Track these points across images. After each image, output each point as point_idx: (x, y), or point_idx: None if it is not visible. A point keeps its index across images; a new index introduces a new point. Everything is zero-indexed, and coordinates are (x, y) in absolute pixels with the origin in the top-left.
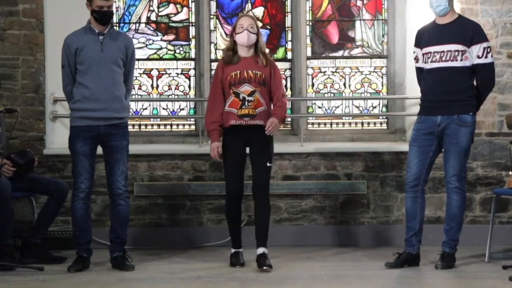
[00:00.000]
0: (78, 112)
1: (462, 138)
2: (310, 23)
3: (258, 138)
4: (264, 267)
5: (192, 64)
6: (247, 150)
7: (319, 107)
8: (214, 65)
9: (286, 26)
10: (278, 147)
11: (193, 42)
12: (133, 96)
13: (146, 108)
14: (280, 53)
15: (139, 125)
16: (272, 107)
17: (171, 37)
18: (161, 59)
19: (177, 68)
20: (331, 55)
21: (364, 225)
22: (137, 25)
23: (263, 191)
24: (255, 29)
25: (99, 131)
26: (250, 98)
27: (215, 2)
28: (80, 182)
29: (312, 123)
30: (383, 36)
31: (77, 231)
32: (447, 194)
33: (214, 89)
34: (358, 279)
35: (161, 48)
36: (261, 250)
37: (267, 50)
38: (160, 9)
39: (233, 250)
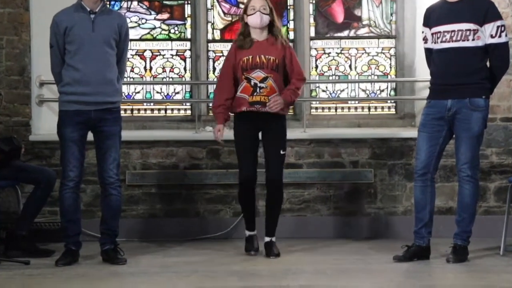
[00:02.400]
0: (67, 96)
1: (474, 123)
2: (314, 1)
3: (271, 126)
4: (271, 256)
5: (187, 44)
6: (260, 135)
7: (323, 91)
8: (211, 45)
9: (288, 4)
10: None
11: (188, 21)
12: (125, 79)
13: (138, 92)
14: None
15: (132, 110)
16: None
17: (165, 16)
18: (154, 39)
19: (171, 49)
20: (336, 35)
21: (370, 216)
22: (129, 3)
23: (278, 187)
24: (268, 9)
25: (90, 116)
26: (262, 85)
27: None
28: (69, 170)
29: (316, 108)
30: (391, 14)
31: (66, 222)
32: (459, 183)
33: (224, 73)
34: (364, 273)
35: (154, 28)
36: (268, 238)
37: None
38: None
39: (247, 234)
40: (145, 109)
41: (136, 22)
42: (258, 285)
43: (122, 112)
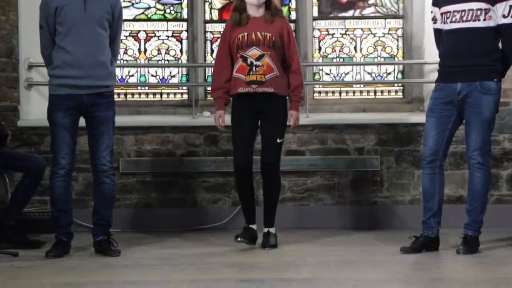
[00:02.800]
0: (57, 79)
1: (485, 107)
2: None
3: (270, 108)
4: (266, 247)
5: (184, 25)
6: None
7: (327, 74)
8: (209, 26)
9: None
10: None
11: (185, 0)
12: (118, 62)
13: (132, 75)
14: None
15: (125, 94)
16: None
17: None
18: (149, 19)
19: (167, 30)
20: (340, 15)
21: (376, 205)
22: None
23: (272, 170)
24: None
25: (82, 100)
26: (258, 63)
27: None
28: (60, 158)
29: (319, 92)
30: None
31: (57, 212)
32: (469, 171)
33: (221, 52)
34: (370, 265)
35: (149, 8)
36: (266, 229)
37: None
38: None
39: (246, 224)
40: (140, 93)
41: (129, 1)
42: (258, 277)
43: (115, 96)
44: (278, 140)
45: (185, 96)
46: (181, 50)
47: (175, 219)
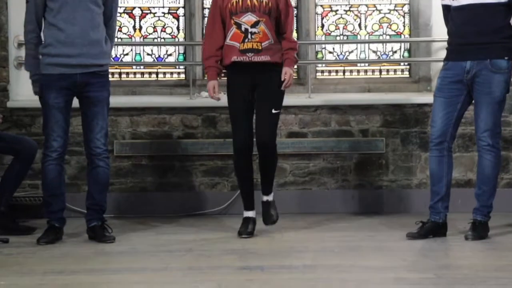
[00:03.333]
0: (50, 58)
1: (495, 87)
2: None
3: (267, 77)
4: (268, 224)
5: (181, 1)
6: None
7: (330, 52)
8: (207, 3)
9: None
10: None
11: None
12: None
13: (127, 54)
14: None
15: (120, 74)
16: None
17: None
18: None
19: (163, 7)
20: None
21: (382, 189)
22: None
23: (268, 143)
24: None
25: (75, 80)
26: (254, 30)
27: None
28: (52, 140)
29: (322, 71)
30: None
31: (49, 197)
32: (479, 153)
33: (212, 18)
34: (375, 252)
35: None
36: (264, 198)
37: None
38: None
39: (244, 214)
40: (135, 73)
41: None
42: (258, 265)
43: (109, 76)
44: (274, 111)
45: (182, 76)
46: (177, 28)
47: (172, 204)
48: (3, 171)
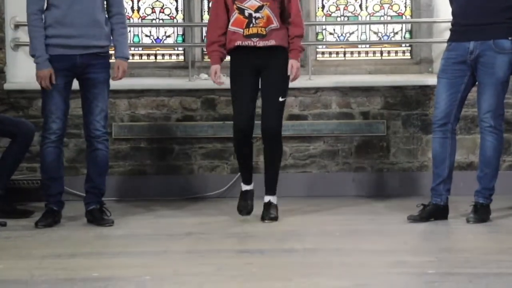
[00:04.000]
0: (49, 39)
1: (499, 67)
2: None
3: (272, 63)
4: (266, 220)
5: None
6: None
7: (330, 34)
8: None
9: None
10: None
11: None
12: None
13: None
14: None
15: None
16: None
17: None
18: None
19: None
20: None
21: (383, 172)
22: None
23: (274, 135)
24: None
25: (75, 61)
26: (258, 15)
27: None
28: (51, 122)
29: (323, 53)
30: None
31: (47, 180)
32: (481, 135)
33: (215, 3)
34: (376, 235)
35: None
36: (267, 198)
37: None
38: None
39: (243, 188)
40: (133, 55)
41: None
42: (258, 248)
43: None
44: (280, 99)
45: (181, 58)
46: (176, 9)
47: (171, 187)
48: (0, 154)
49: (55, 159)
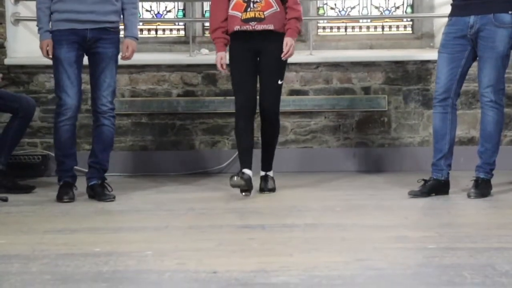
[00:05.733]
0: (59, 14)
1: (499, 41)
2: None
3: (270, 47)
4: (265, 191)
5: None
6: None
7: (332, 8)
8: None
9: None
10: None
11: None
12: None
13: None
14: None
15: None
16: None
17: None
18: None
19: None
20: None
21: (384, 147)
22: None
23: (272, 113)
24: None
25: (85, 35)
26: None
27: None
28: (65, 97)
29: (323, 27)
30: None
31: (61, 156)
32: (482, 110)
33: None
34: (376, 210)
35: None
36: (263, 172)
37: None
38: None
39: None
40: None
41: None
42: (259, 223)
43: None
44: (279, 82)
45: (182, 33)
46: None
47: (172, 162)
48: (1, 129)
49: (70, 136)
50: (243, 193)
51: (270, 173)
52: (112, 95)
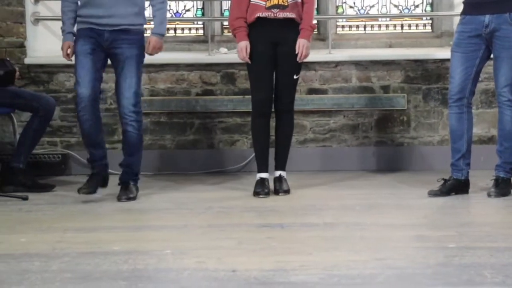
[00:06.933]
0: (81, 17)
1: None
2: None
3: (287, 39)
4: (280, 193)
5: None
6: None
7: (351, 7)
8: None
9: None
10: None
11: None
12: None
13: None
14: None
15: None
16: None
17: None
18: None
19: None
20: None
21: (403, 146)
22: None
23: (287, 108)
24: None
25: (103, 35)
26: None
27: None
28: (78, 87)
29: (342, 26)
30: None
31: (88, 146)
32: (499, 109)
33: None
34: (396, 210)
35: None
36: (277, 173)
37: None
38: None
39: (258, 177)
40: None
41: None
42: (278, 222)
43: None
44: (295, 77)
45: (201, 32)
46: None
47: (191, 161)
48: (21, 128)
49: (92, 125)
50: (261, 196)
51: (284, 174)
52: (135, 97)
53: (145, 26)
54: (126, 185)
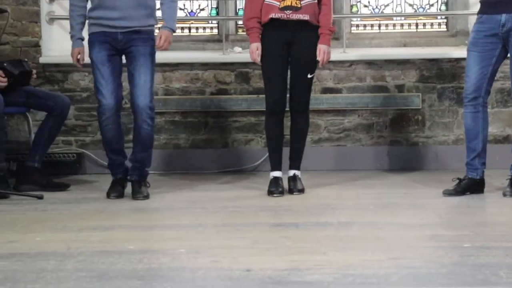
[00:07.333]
0: (93, 20)
1: None
2: None
3: (301, 40)
4: (295, 192)
5: None
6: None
7: (365, 6)
8: None
9: None
10: None
11: None
12: None
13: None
14: None
15: None
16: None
17: None
18: None
19: None
20: None
21: (418, 145)
22: None
23: (302, 108)
24: None
25: (117, 37)
26: None
27: None
28: (101, 98)
29: (357, 25)
30: None
31: (109, 152)
32: None
33: None
34: (410, 209)
35: None
36: (291, 172)
37: None
38: None
39: (271, 175)
40: None
41: None
42: (293, 222)
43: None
44: (309, 76)
45: (215, 31)
46: None
47: (205, 160)
48: (36, 127)
49: (114, 134)
50: (275, 195)
51: (298, 173)
52: (150, 94)
53: (156, 26)
54: (138, 183)
